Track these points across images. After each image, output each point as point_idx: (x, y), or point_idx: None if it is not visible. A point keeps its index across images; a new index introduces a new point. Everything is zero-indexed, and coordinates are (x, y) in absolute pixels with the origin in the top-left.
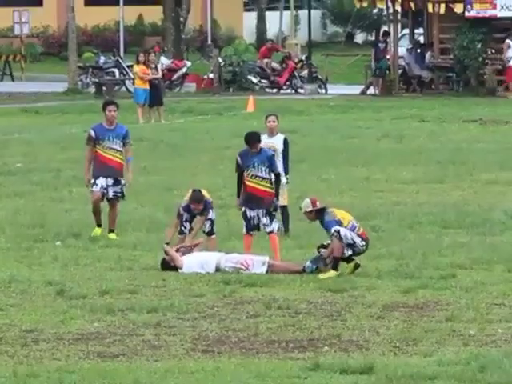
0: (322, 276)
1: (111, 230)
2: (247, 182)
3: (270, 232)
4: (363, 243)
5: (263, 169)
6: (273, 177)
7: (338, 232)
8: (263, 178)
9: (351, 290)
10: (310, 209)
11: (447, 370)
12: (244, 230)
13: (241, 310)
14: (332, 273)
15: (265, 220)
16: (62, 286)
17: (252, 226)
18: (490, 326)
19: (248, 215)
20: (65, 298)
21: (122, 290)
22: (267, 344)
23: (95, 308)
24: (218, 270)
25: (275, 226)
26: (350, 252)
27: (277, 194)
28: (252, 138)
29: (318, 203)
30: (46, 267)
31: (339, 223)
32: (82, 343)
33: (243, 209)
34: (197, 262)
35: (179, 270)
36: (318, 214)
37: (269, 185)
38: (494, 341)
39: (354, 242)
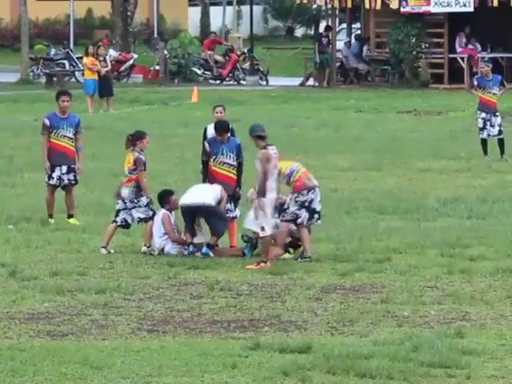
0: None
1: (70, 216)
2: (215, 169)
3: (233, 218)
4: (294, 203)
5: (231, 156)
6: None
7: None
8: (230, 165)
9: (290, 273)
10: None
11: (382, 350)
12: None
13: (185, 292)
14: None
15: (229, 205)
16: (14, 268)
17: None
18: (423, 308)
19: None
20: (17, 279)
21: (72, 271)
22: (210, 324)
23: (46, 289)
24: (161, 251)
25: (238, 212)
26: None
27: (239, 183)
28: (220, 127)
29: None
30: None
31: None
32: (32, 322)
33: None
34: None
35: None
36: None
37: (234, 171)
38: (426, 322)
39: (286, 209)
